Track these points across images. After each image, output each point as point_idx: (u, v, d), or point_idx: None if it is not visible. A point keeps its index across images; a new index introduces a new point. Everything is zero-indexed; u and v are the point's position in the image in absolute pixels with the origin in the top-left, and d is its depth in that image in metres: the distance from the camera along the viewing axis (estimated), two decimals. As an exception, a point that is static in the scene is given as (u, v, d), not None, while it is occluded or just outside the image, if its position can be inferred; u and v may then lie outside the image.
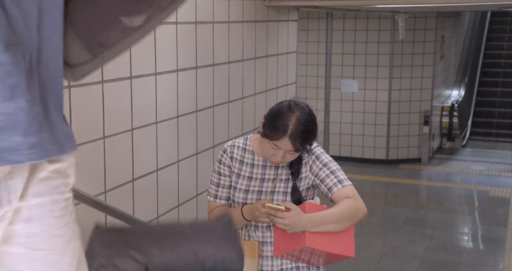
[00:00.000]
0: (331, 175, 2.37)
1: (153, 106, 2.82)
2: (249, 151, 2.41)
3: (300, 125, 2.25)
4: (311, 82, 8.80)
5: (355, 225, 2.42)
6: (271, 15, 3.78)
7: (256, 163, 2.40)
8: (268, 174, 2.38)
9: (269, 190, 2.36)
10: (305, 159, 2.39)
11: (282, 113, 2.29)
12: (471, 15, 11.49)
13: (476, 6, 7.82)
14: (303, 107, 2.37)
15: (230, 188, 2.41)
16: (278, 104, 2.38)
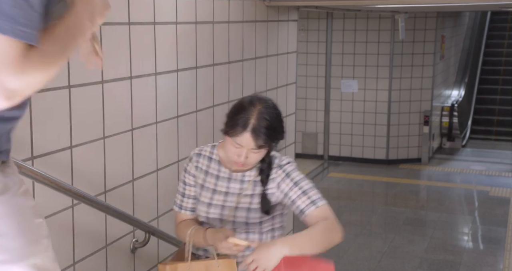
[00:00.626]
0: (303, 196, 2.18)
1: (153, 106, 2.82)
2: (215, 160, 2.27)
3: (262, 119, 2.10)
4: (311, 82, 8.80)
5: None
6: (271, 15, 3.78)
7: (222, 175, 2.25)
8: (233, 188, 2.23)
9: (233, 206, 2.21)
10: (273, 174, 2.22)
11: (243, 108, 2.13)
12: (471, 15, 11.48)
13: (476, 6, 7.83)
14: (266, 101, 2.18)
15: (195, 198, 2.28)
16: (239, 99, 2.24)
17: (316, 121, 8.89)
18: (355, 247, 5.60)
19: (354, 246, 5.63)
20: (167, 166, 3.00)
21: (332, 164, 8.77)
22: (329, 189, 7.74)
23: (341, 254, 5.41)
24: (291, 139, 4.22)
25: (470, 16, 11.49)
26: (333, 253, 5.73)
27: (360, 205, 7.00)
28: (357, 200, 7.25)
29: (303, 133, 8.90)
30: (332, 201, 7.37)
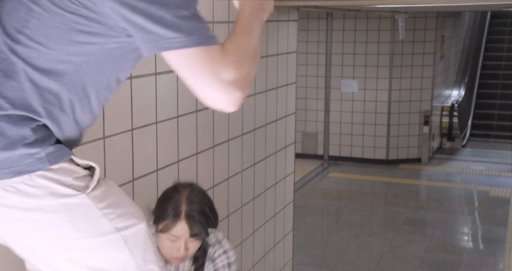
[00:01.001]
0: (227, 267, 2.17)
1: (153, 106, 2.82)
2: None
3: (193, 203, 2.01)
4: (311, 82, 8.80)
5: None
6: (271, 15, 3.78)
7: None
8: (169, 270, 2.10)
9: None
10: (211, 253, 2.14)
11: (169, 197, 2.04)
12: (471, 15, 11.48)
13: (476, 6, 7.82)
14: (190, 185, 2.10)
15: None
16: (162, 193, 2.13)
17: (316, 121, 8.89)
18: (355, 247, 5.60)
19: (354, 246, 5.63)
20: (167, 166, 3.00)
21: (332, 164, 8.78)
22: (329, 189, 7.74)
23: (341, 254, 5.41)
24: (291, 139, 4.22)
25: (470, 17, 11.49)
26: (333, 253, 5.78)
27: (360, 205, 7.00)
28: (357, 200, 7.25)
29: (303, 133, 8.91)
30: (332, 201, 7.43)
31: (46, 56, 1.32)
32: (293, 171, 4.31)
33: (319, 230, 6.24)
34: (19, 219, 1.34)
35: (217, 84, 1.30)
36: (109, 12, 1.28)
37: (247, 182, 3.61)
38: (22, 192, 1.31)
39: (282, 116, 4.05)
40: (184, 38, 1.29)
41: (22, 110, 1.30)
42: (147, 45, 1.32)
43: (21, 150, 1.29)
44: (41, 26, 1.31)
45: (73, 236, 1.36)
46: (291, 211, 4.31)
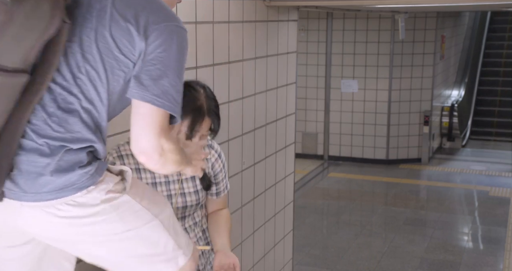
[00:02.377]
0: (224, 179, 2.40)
1: (153, 106, 2.82)
2: None
3: (211, 100, 2.17)
4: (311, 82, 8.80)
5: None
6: (271, 15, 3.77)
7: None
8: (171, 176, 2.26)
9: (178, 193, 2.26)
10: (208, 155, 2.30)
11: (187, 96, 2.09)
12: (471, 15, 11.48)
13: (476, 6, 7.82)
14: (202, 84, 2.20)
15: None
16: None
17: (316, 121, 8.89)
18: (355, 247, 5.60)
19: (354, 246, 5.63)
20: (167, 166, 3.00)
21: (332, 164, 8.78)
22: (329, 189, 7.74)
23: (341, 254, 5.41)
24: (291, 139, 4.22)
25: (470, 16, 11.49)
26: (333, 253, 5.77)
27: (360, 205, 7.00)
28: (357, 200, 7.25)
29: (303, 133, 8.91)
30: (332, 201, 7.43)
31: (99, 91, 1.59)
32: (293, 171, 4.31)
33: (319, 230, 6.24)
34: (80, 225, 1.57)
35: (153, 141, 1.57)
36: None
37: (247, 182, 3.61)
38: (81, 204, 1.56)
39: (282, 116, 4.05)
40: (166, 102, 1.57)
41: (83, 142, 1.55)
42: (132, 91, 1.58)
43: (78, 171, 1.54)
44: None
45: (123, 229, 1.61)
46: (291, 211, 4.31)
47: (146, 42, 1.55)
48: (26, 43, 1.40)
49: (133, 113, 1.60)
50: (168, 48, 1.57)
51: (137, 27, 1.55)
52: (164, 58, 1.56)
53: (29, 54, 1.43)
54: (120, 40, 1.54)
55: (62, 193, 1.54)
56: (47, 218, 1.56)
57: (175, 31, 1.59)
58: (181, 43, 1.60)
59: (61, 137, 1.53)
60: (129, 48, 1.55)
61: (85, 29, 1.54)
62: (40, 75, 1.48)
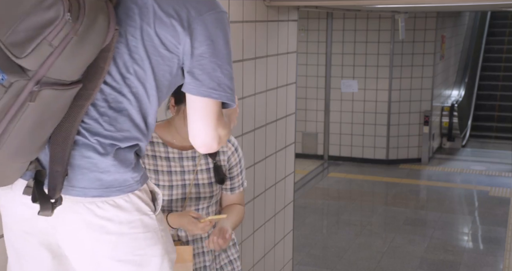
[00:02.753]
0: (240, 175, 2.42)
1: (153, 106, 2.82)
2: (158, 143, 2.27)
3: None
4: (311, 82, 8.80)
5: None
6: (271, 15, 3.78)
7: (171, 156, 2.27)
8: (187, 166, 2.29)
9: (192, 183, 2.29)
10: (223, 147, 2.36)
11: None
12: (471, 15, 11.48)
13: (476, 6, 7.82)
14: None
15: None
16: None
17: (316, 121, 8.89)
18: (355, 247, 5.60)
19: (354, 246, 5.63)
20: (167, 166, 2.99)
21: (332, 164, 8.78)
22: (329, 189, 7.74)
23: (341, 254, 5.41)
24: (291, 139, 4.22)
25: (470, 16, 11.49)
26: (333, 253, 5.77)
27: (360, 205, 7.00)
28: (357, 200, 7.25)
29: (303, 133, 8.91)
30: (332, 201, 7.43)
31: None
32: (293, 171, 4.31)
33: (319, 230, 6.24)
34: (109, 232, 1.57)
35: (212, 133, 1.62)
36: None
37: (247, 182, 3.60)
38: (119, 206, 1.57)
39: (282, 116, 4.05)
40: (222, 93, 1.60)
41: (131, 140, 1.58)
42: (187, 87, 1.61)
43: (129, 174, 1.58)
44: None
45: (142, 252, 1.62)
46: (291, 211, 4.31)
47: (192, 36, 1.56)
48: (84, 57, 1.42)
49: (190, 107, 1.62)
50: (216, 38, 1.60)
51: (181, 22, 1.55)
52: (214, 49, 1.59)
53: (85, 67, 1.45)
54: (165, 36, 1.55)
55: (107, 192, 1.56)
56: (85, 216, 1.56)
57: (219, 19, 1.62)
58: (225, 29, 1.65)
59: (111, 136, 1.55)
60: (174, 43, 1.55)
61: (129, 28, 1.54)
62: (91, 81, 1.49)
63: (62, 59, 1.36)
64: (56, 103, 1.42)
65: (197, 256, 2.35)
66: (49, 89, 1.37)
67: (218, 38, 1.60)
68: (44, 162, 1.55)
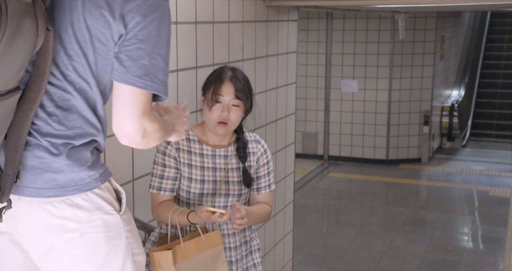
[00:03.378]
0: (267, 176, 2.48)
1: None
2: (194, 141, 2.40)
3: (236, 71, 2.37)
4: (311, 82, 8.80)
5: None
6: (271, 15, 3.78)
7: (205, 153, 2.39)
8: (219, 163, 2.39)
9: (222, 180, 2.37)
10: (254, 148, 2.45)
11: (216, 70, 2.41)
12: (471, 15, 11.48)
13: (476, 6, 7.82)
14: (233, 66, 2.43)
15: (175, 180, 2.37)
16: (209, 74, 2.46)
17: (316, 121, 8.89)
18: (355, 247, 5.60)
19: (354, 246, 5.63)
20: (167, 166, 2.99)
21: (332, 164, 8.78)
22: (329, 189, 7.74)
23: (341, 254, 5.41)
24: (291, 139, 4.22)
25: (470, 16, 11.49)
26: (333, 253, 5.76)
27: (360, 205, 7.00)
28: (357, 200, 7.25)
29: (303, 133, 8.91)
30: (332, 201, 7.43)
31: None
32: (293, 171, 4.31)
33: (319, 230, 6.24)
34: (68, 231, 1.56)
35: (136, 124, 1.56)
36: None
37: (247, 182, 3.60)
38: (77, 205, 1.56)
39: (282, 116, 4.05)
40: (148, 83, 1.54)
41: (85, 137, 1.56)
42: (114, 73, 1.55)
43: (85, 172, 1.56)
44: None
45: (103, 252, 1.59)
46: (291, 211, 4.31)
47: (124, 23, 1.50)
48: (14, 64, 1.37)
49: (115, 95, 1.57)
50: (147, 24, 1.51)
51: (111, 12, 1.49)
52: (144, 36, 1.51)
53: (21, 72, 1.42)
54: (97, 29, 1.50)
55: (63, 191, 1.55)
56: (41, 216, 1.55)
57: (154, 5, 1.52)
58: (161, 17, 1.54)
59: (63, 135, 1.54)
60: (107, 34, 1.51)
61: (62, 24, 1.50)
62: (36, 83, 1.48)
63: None
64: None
65: (224, 250, 2.39)
66: None
67: (150, 25, 1.51)
68: (2, 165, 1.54)
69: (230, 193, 2.39)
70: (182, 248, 2.20)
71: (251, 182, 2.42)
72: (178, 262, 2.18)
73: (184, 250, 2.20)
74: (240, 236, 2.45)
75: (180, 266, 2.18)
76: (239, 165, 2.42)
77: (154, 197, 2.39)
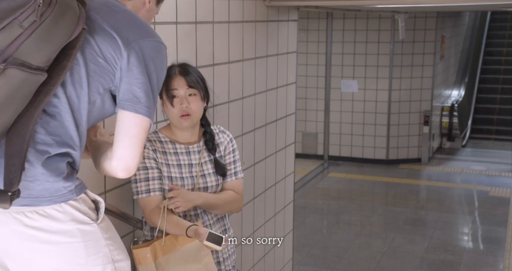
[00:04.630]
0: (233, 164, 2.55)
1: (153, 106, 2.82)
2: (166, 141, 2.46)
3: (184, 64, 2.45)
4: (311, 82, 8.80)
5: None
6: (271, 15, 3.78)
7: (179, 151, 2.46)
8: (194, 159, 2.46)
9: (199, 174, 2.44)
10: (221, 139, 2.54)
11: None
12: (471, 15, 11.48)
13: (476, 6, 7.82)
14: (182, 62, 2.52)
15: (160, 179, 2.39)
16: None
17: (316, 121, 8.89)
18: (355, 247, 5.60)
19: (354, 246, 5.63)
20: (167, 166, 2.99)
21: (332, 164, 8.77)
22: (329, 189, 7.74)
23: (341, 254, 5.41)
24: (291, 139, 4.22)
25: (470, 16, 11.49)
26: (333, 253, 5.76)
27: (360, 205, 7.00)
28: (357, 200, 7.25)
29: (303, 133, 8.91)
30: (332, 201, 7.43)
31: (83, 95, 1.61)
32: (293, 171, 4.31)
33: (319, 230, 6.24)
34: (42, 241, 1.55)
35: (138, 160, 1.65)
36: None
37: (247, 182, 3.60)
38: (51, 216, 1.55)
39: (282, 116, 4.05)
40: (152, 113, 1.63)
41: (62, 146, 1.56)
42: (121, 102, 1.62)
43: (60, 183, 1.56)
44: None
45: (82, 261, 1.59)
46: (291, 211, 4.31)
47: (129, 54, 1.58)
48: (51, 45, 1.43)
49: (121, 125, 1.63)
50: (149, 63, 1.62)
51: (122, 38, 1.58)
52: (148, 73, 1.61)
53: (51, 56, 1.46)
54: (105, 47, 1.57)
55: (36, 201, 1.54)
56: (13, 226, 1.54)
57: (156, 48, 1.65)
58: (162, 60, 1.67)
59: (41, 139, 1.54)
60: (114, 55, 1.58)
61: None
62: (52, 77, 1.49)
63: (31, 42, 1.38)
64: (21, 87, 1.42)
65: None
66: (15, 68, 1.38)
67: (153, 64, 1.63)
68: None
69: (208, 185, 2.46)
70: (163, 243, 2.24)
71: (224, 171, 2.50)
72: (158, 257, 2.21)
73: (164, 245, 2.24)
74: (219, 224, 2.53)
75: (161, 261, 2.22)
76: (211, 157, 2.49)
77: (145, 201, 2.37)
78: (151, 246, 2.22)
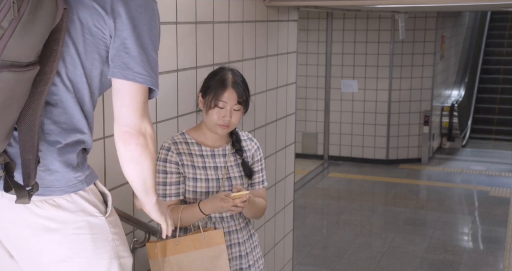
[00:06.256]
0: (260, 172, 2.58)
1: (153, 106, 2.82)
2: (192, 143, 2.47)
3: (237, 76, 2.42)
4: (311, 82, 8.80)
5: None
6: (271, 15, 3.78)
7: (205, 153, 2.46)
8: (219, 162, 2.47)
9: (224, 177, 2.46)
10: (248, 146, 2.55)
11: (216, 73, 2.43)
12: (471, 15, 11.48)
13: (476, 6, 7.82)
14: (231, 67, 2.50)
15: (178, 184, 2.41)
16: (208, 74, 2.49)
17: (316, 121, 8.89)
18: (355, 247, 5.60)
19: (354, 246, 5.63)
20: (167, 166, 2.99)
21: (332, 164, 8.77)
22: (329, 189, 7.74)
23: (341, 254, 5.41)
24: (291, 139, 4.22)
25: (470, 16, 11.49)
26: (333, 253, 5.76)
27: (360, 205, 7.00)
28: (357, 200, 7.25)
29: (303, 133, 8.91)
30: (332, 201, 7.43)
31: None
32: (293, 171, 4.31)
33: (319, 230, 6.24)
34: (50, 230, 1.55)
35: (137, 121, 1.58)
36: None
37: (247, 182, 3.60)
38: (59, 205, 1.56)
39: (282, 116, 4.05)
40: (147, 78, 1.58)
41: (71, 132, 1.55)
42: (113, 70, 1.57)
43: (71, 173, 1.56)
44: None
45: (89, 254, 1.58)
46: (291, 211, 4.31)
47: (115, 20, 1.54)
48: (36, 37, 1.41)
49: (115, 93, 1.60)
50: (139, 24, 1.56)
51: (103, 6, 1.54)
52: (138, 35, 1.56)
53: (39, 48, 1.44)
54: (88, 20, 1.53)
55: (47, 191, 1.54)
56: (23, 214, 1.55)
57: (143, 5, 1.58)
58: (151, 17, 1.60)
59: (49, 129, 1.54)
60: (98, 27, 1.54)
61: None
62: (46, 64, 1.48)
63: (15, 40, 1.35)
64: (17, 87, 1.41)
65: (233, 246, 2.47)
66: (7, 71, 1.36)
67: (141, 24, 1.57)
68: (12, 154, 1.53)
69: (232, 188, 2.47)
70: (176, 242, 2.26)
71: (252, 173, 2.52)
72: (168, 255, 2.24)
73: (177, 245, 2.26)
74: (246, 230, 2.54)
75: (170, 259, 2.24)
76: (238, 161, 2.50)
77: None
78: (160, 243, 2.26)
